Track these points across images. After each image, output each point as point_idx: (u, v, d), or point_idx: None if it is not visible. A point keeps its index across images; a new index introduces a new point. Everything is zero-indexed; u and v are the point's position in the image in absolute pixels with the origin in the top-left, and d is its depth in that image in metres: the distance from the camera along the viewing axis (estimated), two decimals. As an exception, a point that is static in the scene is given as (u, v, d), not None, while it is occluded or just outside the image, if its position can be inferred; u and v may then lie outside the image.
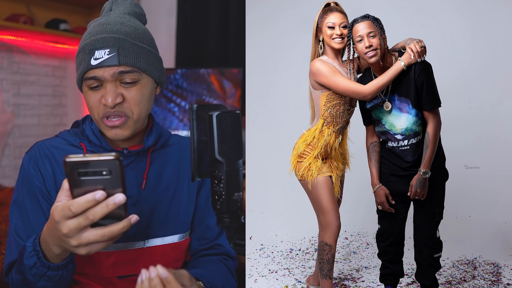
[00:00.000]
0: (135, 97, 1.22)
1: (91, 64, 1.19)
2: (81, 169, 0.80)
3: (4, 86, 3.03)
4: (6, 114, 3.05)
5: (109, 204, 0.83)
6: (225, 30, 3.16)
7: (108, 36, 1.22)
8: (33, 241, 1.02)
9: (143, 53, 1.25)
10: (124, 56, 1.21)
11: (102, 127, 1.25)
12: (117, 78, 1.20)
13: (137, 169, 1.33)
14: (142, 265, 1.30)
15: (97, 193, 0.82)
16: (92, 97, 1.22)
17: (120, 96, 1.21)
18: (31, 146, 1.32)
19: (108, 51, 1.20)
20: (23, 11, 3.00)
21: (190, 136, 0.95)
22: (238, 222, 0.95)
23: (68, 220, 0.84)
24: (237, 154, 0.93)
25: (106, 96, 1.19)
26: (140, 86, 1.24)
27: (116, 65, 1.19)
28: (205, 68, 3.04)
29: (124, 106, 1.22)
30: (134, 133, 1.28)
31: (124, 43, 1.22)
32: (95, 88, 1.22)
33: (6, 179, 2.95)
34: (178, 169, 1.39)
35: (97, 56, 1.19)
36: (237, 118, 0.93)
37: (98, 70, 1.20)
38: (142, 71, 1.24)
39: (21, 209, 1.26)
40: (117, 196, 0.83)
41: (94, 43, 1.21)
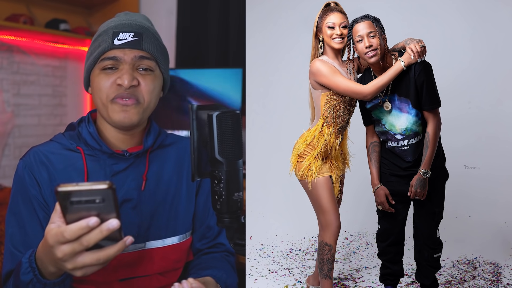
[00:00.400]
0: (149, 85, 1.25)
1: (114, 44, 1.22)
2: (74, 198, 0.80)
3: (4, 86, 3.03)
4: (6, 114, 3.05)
5: (103, 230, 0.82)
6: (225, 30, 3.15)
7: (133, 23, 1.26)
8: (29, 258, 1.01)
9: (161, 47, 1.30)
10: (147, 43, 1.25)
11: (110, 111, 1.24)
12: (135, 63, 1.23)
13: (137, 170, 1.32)
14: (143, 267, 1.30)
15: (91, 220, 0.81)
16: (104, 80, 1.23)
17: (136, 80, 1.23)
18: (26, 152, 1.29)
19: (133, 34, 1.24)
20: (23, 11, 3.00)
21: (190, 136, 0.95)
22: (238, 222, 0.95)
23: (62, 245, 0.84)
24: (237, 154, 0.93)
25: (123, 77, 1.21)
26: (154, 77, 1.27)
27: (139, 49, 1.23)
28: (205, 68, 3.03)
29: (138, 90, 1.24)
30: (139, 123, 1.28)
31: (148, 32, 1.26)
32: (110, 69, 1.23)
33: (6, 179, 2.95)
34: (177, 169, 1.39)
35: (121, 37, 1.23)
36: (237, 118, 0.93)
37: (119, 51, 1.22)
38: (157, 64, 1.28)
39: (16, 219, 1.24)
40: (111, 222, 0.82)
41: (119, 26, 1.25)
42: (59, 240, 0.83)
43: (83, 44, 3.39)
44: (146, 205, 1.32)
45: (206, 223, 1.45)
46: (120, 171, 1.29)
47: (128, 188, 1.29)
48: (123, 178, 1.29)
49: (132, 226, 1.29)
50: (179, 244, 1.37)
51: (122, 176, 1.29)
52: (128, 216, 1.29)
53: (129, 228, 1.29)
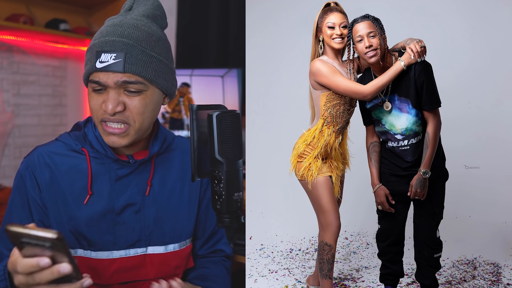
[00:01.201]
0: (138, 107, 1.18)
1: (96, 67, 1.15)
2: (24, 238, 0.80)
3: (4, 86, 3.03)
4: (6, 114, 3.04)
5: (54, 272, 0.82)
6: (225, 30, 3.15)
7: (117, 40, 1.17)
8: (4, 267, 1.02)
9: (152, 62, 1.19)
10: (130, 64, 1.15)
11: (101, 131, 1.22)
12: (120, 86, 1.16)
13: (141, 175, 1.31)
14: (144, 272, 1.30)
15: (42, 260, 0.81)
16: (94, 100, 1.19)
17: (121, 104, 1.17)
18: (31, 151, 1.28)
19: (114, 56, 1.15)
20: (23, 11, 3.00)
21: (190, 136, 0.95)
22: (238, 222, 0.95)
23: (18, 274, 0.85)
24: (237, 154, 0.93)
25: (107, 102, 1.15)
26: (145, 96, 1.19)
27: (120, 71, 1.14)
28: (205, 68, 3.04)
29: (125, 115, 1.18)
30: (134, 141, 1.24)
31: (133, 50, 1.16)
32: (99, 91, 1.18)
33: (6, 179, 2.95)
34: (181, 174, 1.38)
35: (103, 59, 1.15)
36: (237, 118, 0.93)
37: (103, 75, 1.15)
38: (148, 82, 1.18)
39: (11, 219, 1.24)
40: (63, 266, 0.82)
41: (102, 44, 1.17)
42: (14, 269, 0.85)
43: (83, 44, 3.39)
44: (150, 210, 1.31)
45: (209, 230, 1.45)
46: (125, 176, 1.28)
47: (132, 192, 1.28)
48: (127, 182, 1.28)
49: (134, 231, 1.29)
50: (180, 251, 1.37)
51: (126, 181, 1.28)
52: (131, 220, 1.28)
53: (131, 233, 1.28)
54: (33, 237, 0.79)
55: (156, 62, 1.20)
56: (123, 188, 1.27)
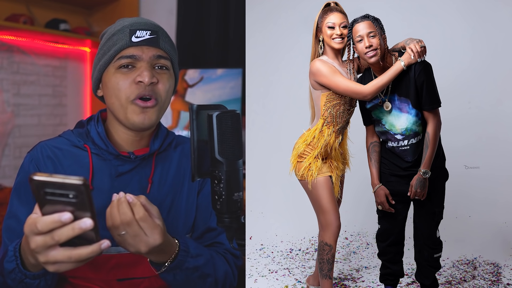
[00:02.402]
0: (165, 84, 1.25)
1: (132, 41, 1.21)
2: (47, 189, 0.78)
3: (4, 86, 3.03)
4: (6, 114, 3.05)
5: (75, 228, 0.80)
6: (225, 30, 3.15)
7: (148, 21, 1.27)
8: (15, 247, 1.02)
9: (174, 48, 1.31)
10: (164, 42, 1.25)
11: (129, 112, 1.22)
12: (153, 61, 1.23)
13: (142, 173, 1.31)
14: (142, 269, 1.29)
15: (64, 215, 0.80)
16: (123, 79, 1.21)
17: (155, 77, 1.22)
18: (34, 146, 1.30)
19: (150, 32, 1.23)
20: (23, 11, 3.00)
21: (190, 136, 0.95)
22: (238, 222, 0.95)
23: (35, 236, 0.83)
24: (237, 154, 0.93)
25: (143, 74, 1.20)
26: (169, 75, 1.28)
27: (157, 47, 1.22)
28: (205, 68, 3.04)
29: (156, 89, 1.23)
30: (156, 122, 1.28)
31: (163, 31, 1.27)
32: (127, 68, 1.21)
33: (6, 179, 2.95)
34: (180, 172, 1.39)
35: (139, 35, 1.22)
36: (237, 118, 0.93)
37: (137, 49, 1.21)
38: (171, 64, 1.28)
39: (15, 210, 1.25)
40: (85, 221, 0.80)
41: (135, 24, 1.24)
42: (33, 230, 0.83)
43: (83, 44, 3.39)
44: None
45: (206, 225, 1.44)
46: (126, 172, 1.29)
47: (133, 189, 1.28)
48: (128, 179, 1.29)
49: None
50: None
51: (127, 178, 1.29)
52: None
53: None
54: (58, 185, 0.78)
55: (175, 49, 1.32)
56: (124, 185, 1.28)
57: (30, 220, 0.84)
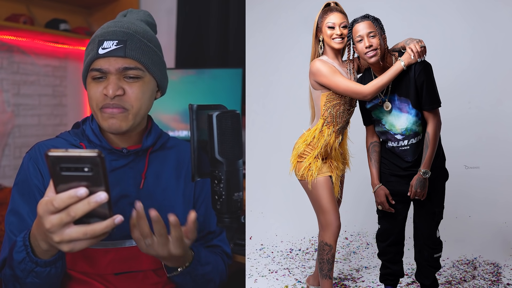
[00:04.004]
0: (136, 92, 1.25)
1: (99, 53, 1.23)
2: (63, 164, 0.79)
3: (4, 86, 3.03)
4: (6, 114, 3.05)
5: (90, 202, 0.82)
6: (225, 30, 3.15)
7: (118, 30, 1.26)
8: (23, 236, 1.03)
9: (149, 51, 1.29)
10: (131, 50, 1.24)
11: (100, 118, 1.27)
12: (121, 72, 1.24)
13: (136, 169, 1.34)
14: (139, 262, 1.32)
15: (80, 190, 0.81)
16: (94, 88, 1.25)
17: (121, 89, 1.24)
18: (32, 146, 1.33)
19: (116, 42, 1.24)
20: (23, 11, 3.00)
21: (190, 136, 0.95)
22: (238, 222, 0.95)
23: (50, 215, 0.84)
24: (237, 154, 0.93)
25: (108, 86, 1.22)
26: (142, 83, 1.27)
27: (122, 56, 1.23)
28: (205, 68, 3.03)
29: (123, 100, 1.25)
30: (131, 129, 1.29)
31: (132, 38, 1.26)
32: (99, 79, 1.25)
33: (6, 179, 2.95)
34: (176, 172, 1.41)
35: (105, 46, 1.24)
36: (237, 118, 0.93)
37: (104, 62, 1.23)
38: (145, 69, 1.27)
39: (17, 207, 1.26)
40: (99, 195, 0.82)
41: (104, 34, 1.26)
42: (48, 209, 0.84)
43: (83, 44, 3.39)
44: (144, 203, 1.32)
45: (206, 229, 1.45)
46: (119, 167, 1.32)
47: (127, 184, 1.31)
48: (121, 174, 1.32)
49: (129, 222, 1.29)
50: None
51: (121, 172, 1.32)
52: (126, 211, 1.28)
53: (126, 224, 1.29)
54: (74, 159, 0.79)
55: (152, 52, 1.30)
56: (118, 180, 1.30)
57: (44, 200, 0.85)
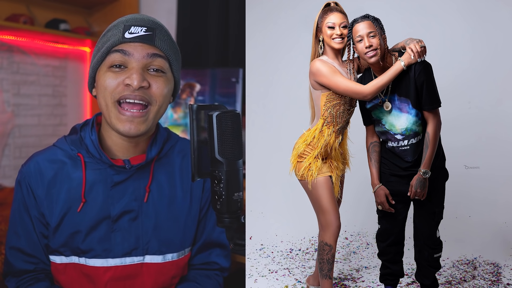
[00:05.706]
0: (161, 88, 1.14)
1: (125, 37, 1.10)
2: None
3: (4, 86, 3.03)
4: (6, 114, 3.05)
5: None
6: (225, 30, 3.15)
7: (146, 17, 1.15)
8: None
9: (174, 48, 1.19)
10: (160, 40, 1.13)
11: (114, 117, 1.13)
12: (146, 62, 1.11)
13: (139, 181, 1.26)
14: (140, 281, 1.26)
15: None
16: (111, 77, 1.11)
17: (146, 81, 1.11)
18: (27, 159, 1.26)
19: (145, 29, 1.11)
20: (23, 11, 3.00)
21: (190, 136, 0.95)
22: (238, 222, 0.95)
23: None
24: (237, 154, 0.93)
25: (133, 76, 1.09)
26: (166, 79, 1.16)
27: (151, 44, 1.11)
28: (205, 68, 3.03)
29: (148, 93, 1.13)
30: (148, 130, 1.18)
31: (161, 29, 1.15)
32: (118, 67, 1.11)
33: (6, 179, 2.94)
34: (182, 180, 1.32)
35: (133, 30, 1.10)
36: (237, 118, 0.93)
37: (130, 46, 1.10)
38: (169, 65, 1.17)
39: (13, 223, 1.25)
40: None
41: (131, 20, 1.13)
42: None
43: (83, 44, 3.39)
44: (149, 218, 1.26)
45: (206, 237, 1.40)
46: (121, 182, 1.24)
47: (129, 199, 1.24)
48: (123, 189, 1.24)
49: (131, 239, 1.25)
50: (178, 260, 1.33)
51: (123, 187, 1.24)
52: (128, 228, 1.24)
53: (128, 241, 1.24)
54: None
55: (176, 50, 1.20)
56: (120, 195, 1.23)
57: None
